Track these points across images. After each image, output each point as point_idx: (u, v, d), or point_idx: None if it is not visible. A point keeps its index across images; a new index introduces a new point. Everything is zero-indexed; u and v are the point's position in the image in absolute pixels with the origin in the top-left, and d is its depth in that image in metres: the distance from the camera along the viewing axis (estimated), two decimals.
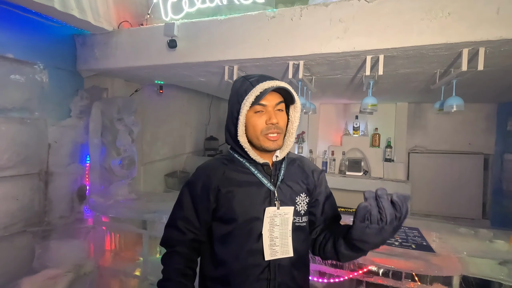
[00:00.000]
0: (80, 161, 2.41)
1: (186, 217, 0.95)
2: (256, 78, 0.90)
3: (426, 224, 1.89)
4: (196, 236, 0.96)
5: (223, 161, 0.97)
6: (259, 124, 0.89)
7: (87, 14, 1.99)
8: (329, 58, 1.77)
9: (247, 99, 0.87)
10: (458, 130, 3.58)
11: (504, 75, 1.96)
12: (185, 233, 0.95)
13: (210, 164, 0.99)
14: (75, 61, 2.36)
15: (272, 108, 0.89)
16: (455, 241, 1.60)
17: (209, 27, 1.92)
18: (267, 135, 0.88)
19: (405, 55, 1.66)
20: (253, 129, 0.90)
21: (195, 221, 0.95)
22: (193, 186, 0.96)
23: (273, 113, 0.89)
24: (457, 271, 1.33)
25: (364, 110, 1.96)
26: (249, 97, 0.87)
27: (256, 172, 0.93)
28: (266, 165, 0.94)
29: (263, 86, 0.87)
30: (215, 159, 1.01)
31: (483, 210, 3.55)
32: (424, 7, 1.45)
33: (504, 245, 1.54)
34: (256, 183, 0.92)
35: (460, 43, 1.44)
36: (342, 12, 1.61)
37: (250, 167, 0.93)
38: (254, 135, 0.90)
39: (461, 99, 1.76)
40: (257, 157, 0.92)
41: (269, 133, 0.88)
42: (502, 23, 1.34)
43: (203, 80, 2.62)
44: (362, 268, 1.63)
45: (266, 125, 0.88)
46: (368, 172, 3.67)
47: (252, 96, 0.86)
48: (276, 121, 0.88)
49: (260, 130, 0.89)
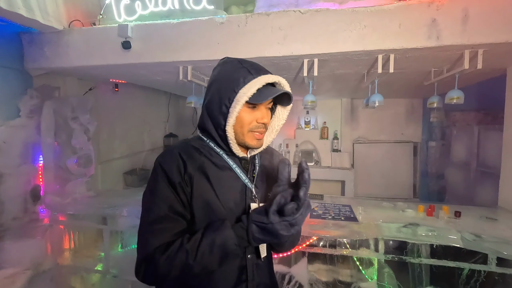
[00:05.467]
0: (33, 161, 2.38)
1: (173, 207, 0.78)
2: (255, 68, 0.82)
3: (358, 202, 2.24)
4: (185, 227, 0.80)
5: (198, 149, 0.85)
6: (249, 121, 0.82)
7: (35, 13, 1.98)
8: (273, 61, 2.01)
9: (248, 90, 0.77)
10: (392, 122, 4.11)
11: (416, 75, 2.38)
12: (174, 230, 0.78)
13: (184, 148, 0.84)
14: (22, 60, 2.30)
15: (265, 106, 0.84)
16: (376, 212, 1.95)
17: (163, 30, 2.03)
18: (254, 132, 0.83)
19: (335, 59, 1.95)
20: (240, 124, 0.81)
21: (183, 210, 0.80)
22: (171, 171, 0.79)
23: (265, 111, 0.84)
24: (373, 235, 1.67)
25: (306, 106, 2.24)
26: (251, 89, 0.77)
27: (234, 166, 0.85)
28: (245, 159, 0.88)
29: (265, 80, 0.79)
30: (187, 145, 0.86)
31: (414, 190, 4.14)
32: (346, 20, 1.75)
33: (412, 213, 1.93)
34: (234, 177, 0.85)
35: (375, 50, 1.76)
36: (282, 21, 1.85)
37: (228, 160, 0.85)
38: (240, 130, 0.82)
39: (381, 96, 2.11)
40: (238, 151, 0.85)
41: (256, 131, 0.83)
42: (403, 35, 1.69)
43: (159, 78, 2.71)
44: (304, 242, 1.91)
45: (256, 123, 0.82)
46: (319, 162, 4.04)
47: (254, 88, 0.77)
48: (267, 121, 0.85)
49: (249, 127, 0.82)
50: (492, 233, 1.63)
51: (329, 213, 1.93)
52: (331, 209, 2.00)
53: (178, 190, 0.78)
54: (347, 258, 1.99)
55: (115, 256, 2.30)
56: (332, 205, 2.12)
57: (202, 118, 0.88)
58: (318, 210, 2.01)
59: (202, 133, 0.89)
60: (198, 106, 2.44)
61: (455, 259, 1.68)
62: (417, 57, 1.88)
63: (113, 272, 2.22)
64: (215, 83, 0.84)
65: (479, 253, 1.62)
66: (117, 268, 2.21)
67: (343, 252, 1.86)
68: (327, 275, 2.03)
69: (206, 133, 0.87)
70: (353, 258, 1.98)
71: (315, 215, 1.91)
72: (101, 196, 2.53)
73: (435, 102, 2.19)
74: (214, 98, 0.82)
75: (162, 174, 0.79)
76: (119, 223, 2.21)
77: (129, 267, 2.22)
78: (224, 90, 0.80)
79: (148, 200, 0.81)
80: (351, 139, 4.20)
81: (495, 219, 1.85)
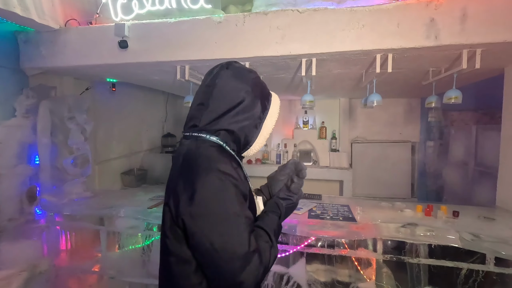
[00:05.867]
0: (29, 162, 2.36)
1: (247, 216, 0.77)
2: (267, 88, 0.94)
3: (357, 202, 2.24)
4: None
5: (231, 158, 0.84)
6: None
7: (30, 12, 1.96)
8: (271, 60, 2.00)
9: (275, 111, 0.92)
10: (391, 122, 4.11)
11: (413, 75, 2.38)
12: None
13: (225, 160, 0.80)
14: (18, 59, 2.28)
15: None
16: (375, 213, 1.95)
17: (160, 29, 2.02)
18: None
19: (333, 58, 1.95)
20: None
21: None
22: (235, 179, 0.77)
23: None
24: (372, 235, 1.66)
25: (304, 106, 2.23)
26: (276, 108, 0.93)
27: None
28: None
29: (278, 102, 0.94)
30: (223, 155, 0.81)
31: (412, 189, 4.14)
32: (344, 19, 1.74)
33: (410, 213, 1.93)
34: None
35: (373, 50, 1.76)
36: (280, 20, 1.84)
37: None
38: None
39: (379, 96, 2.11)
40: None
41: None
42: (401, 35, 1.68)
43: (156, 78, 2.69)
44: (303, 242, 1.91)
45: None
46: (317, 162, 4.04)
47: (278, 108, 0.93)
48: None
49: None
50: (490, 233, 1.63)
51: (328, 213, 1.92)
52: (330, 209, 2.00)
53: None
54: (345, 258, 1.98)
55: (112, 257, 2.28)
56: (331, 205, 2.11)
57: (231, 128, 0.85)
58: (316, 210, 2.00)
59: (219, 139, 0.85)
60: None
61: (453, 259, 1.68)
62: (415, 57, 1.88)
63: (110, 273, 2.20)
64: (249, 94, 0.86)
65: (477, 253, 1.62)
66: (114, 269, 2.20)
67: (342, 252, 1.85)
68: (326, 275, 2.02)
69: (224, 140, 0.85)
70: (351, 258, 1.97)
71: (313, 215, 1.90)
72: (98, 197, 2.51)
73: (433, 101, 2.18)
74: (245, 107, 0.85)
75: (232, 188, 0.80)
76: (117, 224, 2.19)
77: (127, 268, 2.22)
78: (258, 103, 0.88)
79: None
80: (349, 139, 4.20)
81: (493, 218, 1.85)
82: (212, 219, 0.72)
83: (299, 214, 1.93)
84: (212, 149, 0.79)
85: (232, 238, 0.71)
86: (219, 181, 0.73)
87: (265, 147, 4.11)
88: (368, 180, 4.09)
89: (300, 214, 1.93)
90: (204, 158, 0.77)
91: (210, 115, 0.83)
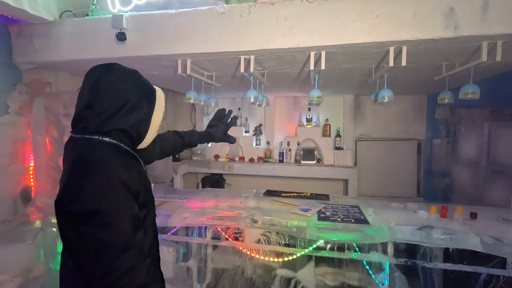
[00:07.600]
0: (23, 161, 2.25)
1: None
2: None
3: (366, 202, 2.15)
4: None
5: (127, 155, 0.89)
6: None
7: (22, 2, 1.85)
8: (277, 54, 1.89)
9: (161, 104, 1.00)
10: (396, 119, 4.01)
11: (425, 70, 2.27)
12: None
13: (117, 162, 0.84)
14: (11, 53, 2.17)
15: None
16: (387, 214, 1.86)
17: (160, 20, 1.91)
18: None
19: (343, 51, 1.84)
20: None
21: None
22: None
23: None
24: (386, 238, 1.56)
25: (311, 102, 2.13)
26: (162, 102, 1.00)
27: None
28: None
29: (163, 95, 1.02)
30: (119, 154, 0.85)
31: (418, 188, 4.05)
32: (356, 9, 1.64)
33: (424, 214, 1.83)
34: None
35: (387, 42, 1.65)
36: (287, 10, 1.73)
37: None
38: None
39: (391, 91, 2.01)
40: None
41: None
42: (417, 25, 1.58)
43: (156, 73, 2.58)
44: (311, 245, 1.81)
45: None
46: (321, 160, 3.94)
47: (164, 101, 1.01)
48: None
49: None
50: (511, 235, 1.54)
51: (338, 214, 1.83)
52: (340, 211, 1.90)
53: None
54: (355, 260, 1.89)
55: None
56: (340, 206, 2.02)
57: (129, 130, 0.89)
58: (325, 211, 1.91)
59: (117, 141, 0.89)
60: (197, 102, 2.32)
61: (471, 263, 1.59)
62: (430, 49, 1.77)
63: None
64: (134, 94, 0.92)
65: (496, 257, 1.53)
66: None
67: (352, 256, 1.75)
68: (335, 279, 1.93)
69: (123, 141, 0.89)
70: (362, 262, 1.88)
71: (323, 217, 1.81)
72: None
73: (447, 97, 2.08)
74: (135, 108, 0.91)
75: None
76: None
77: None
78: (145, 101, 0.94)
79: None
80: (354, 137, 4.10)
81: None
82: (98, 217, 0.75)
83: (308, 216, 1.83)
84: (107, 151, 0.82)
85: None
86: (107, 184, 0.76)
87: (268, 145, 4.01)
88: (373, 179, 4.00)
89: (309, 216, 1.83)
90: (97, 161, 0.79)
91: (99, 117, 0.84)
